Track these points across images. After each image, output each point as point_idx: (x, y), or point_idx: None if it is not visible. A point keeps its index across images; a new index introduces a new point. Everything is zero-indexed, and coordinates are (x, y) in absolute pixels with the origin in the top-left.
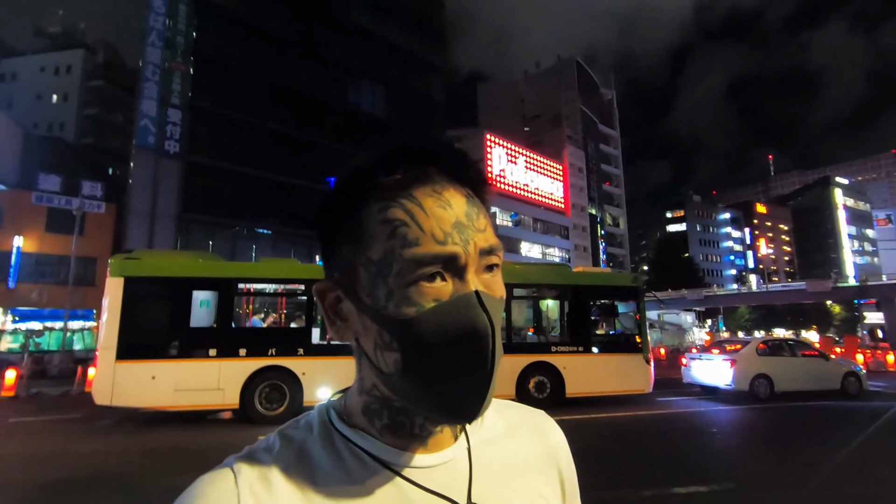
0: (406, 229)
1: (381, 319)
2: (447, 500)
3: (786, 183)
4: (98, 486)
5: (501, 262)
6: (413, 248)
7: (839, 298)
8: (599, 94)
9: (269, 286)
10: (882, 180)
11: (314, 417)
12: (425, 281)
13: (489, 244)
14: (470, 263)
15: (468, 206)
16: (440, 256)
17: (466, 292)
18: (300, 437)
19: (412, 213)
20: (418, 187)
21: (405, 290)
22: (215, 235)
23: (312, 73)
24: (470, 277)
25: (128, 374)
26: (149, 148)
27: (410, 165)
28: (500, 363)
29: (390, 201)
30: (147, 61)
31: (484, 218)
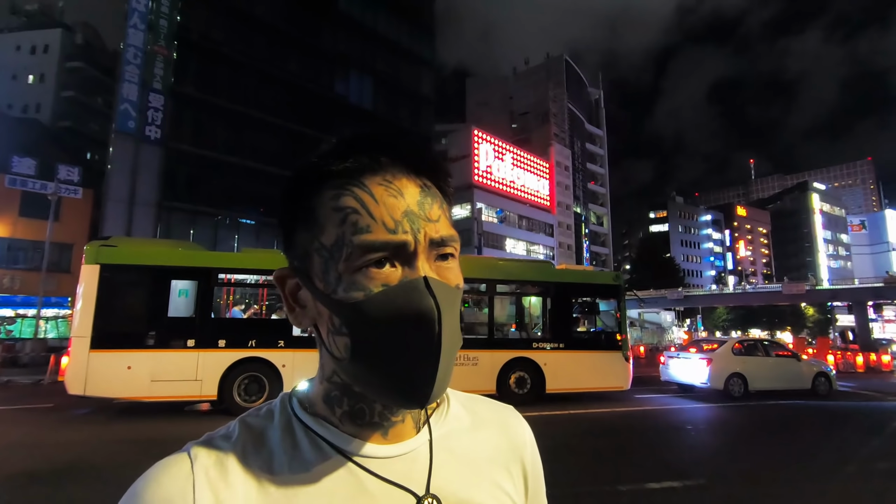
0: (357, 216)
1: (331, 304)
2: (404, 489)
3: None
4: (72, 475)
5: (458, 253)
6: (363, 235)
7: (813, 301)
8: (587, 93)
9: (250, 277)
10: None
11: (276, 406)
12: (374, 266)
13: (441, 235)
14: (420, 252)
15: (421, 196)
16: (390, 244)
17: (414, 278)
18: (260, 425)
19: (363, 200)
20: (369, 176)
21: (354, 275)
22: (197, 224)
23: (300, 62)
24: (420, 264)
25: (102, 363)
26: (129, 133)
27: (363, 154)
28: (454, 351)
29: (342, 189)
30: (128, 44)
31: (438, 208)
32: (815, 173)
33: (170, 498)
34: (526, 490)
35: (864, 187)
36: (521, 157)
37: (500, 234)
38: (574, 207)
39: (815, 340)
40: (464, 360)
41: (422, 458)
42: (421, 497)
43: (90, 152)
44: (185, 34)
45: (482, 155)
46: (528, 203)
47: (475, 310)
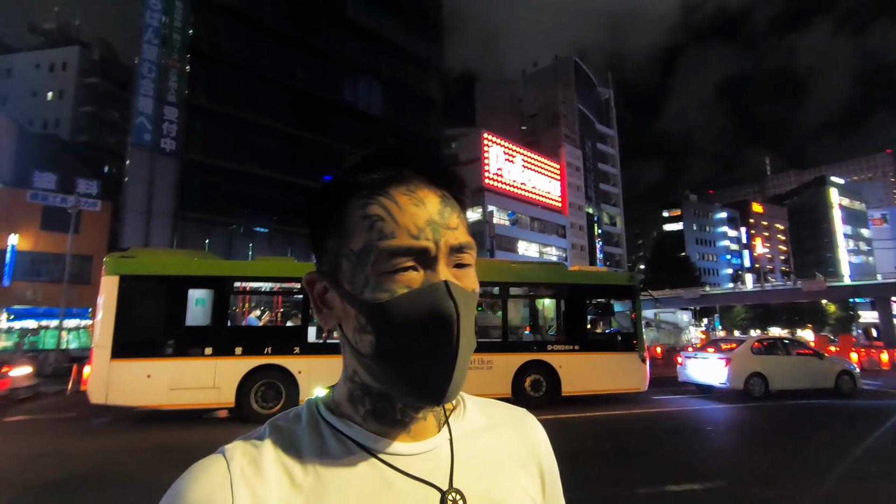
0: (383, 224)
1: (359, 304)
2: (428, 484)
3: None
4: (94, 484)
5: (474, 260)
6: (389, 241)
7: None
8: (597, 94)
9: (264, 285)
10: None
11: (303, 409)
12: (399, 270)
13: (459, 242)
14: (440, 257)
15: (441, 205)
16: (413, 249)
17: (436, 281)
18: (289, 428)
19: (388, 209)
20: (394, 186)
21: (380, 277)
22: (212, 233)
23: (309, 69)
24: (440, 269)
25: (123, 372)
26: (145, 145)
27: (388, 167)
28: (469, 352)
29: (369, 199)
30: (143, 58)
31: (457, 218)
32: (833, 167)
33: (211, 495)
34: (543, 488)
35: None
36: (531, 159)
37: (513, 236)
38: (586, 208)
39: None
40: (478, 364)
41: (443, 455)
42: (445, 492)
43: (108, 165)
44: (198, 46)
45: (492, 158)
46: (540, 205)
47: (489, 313)
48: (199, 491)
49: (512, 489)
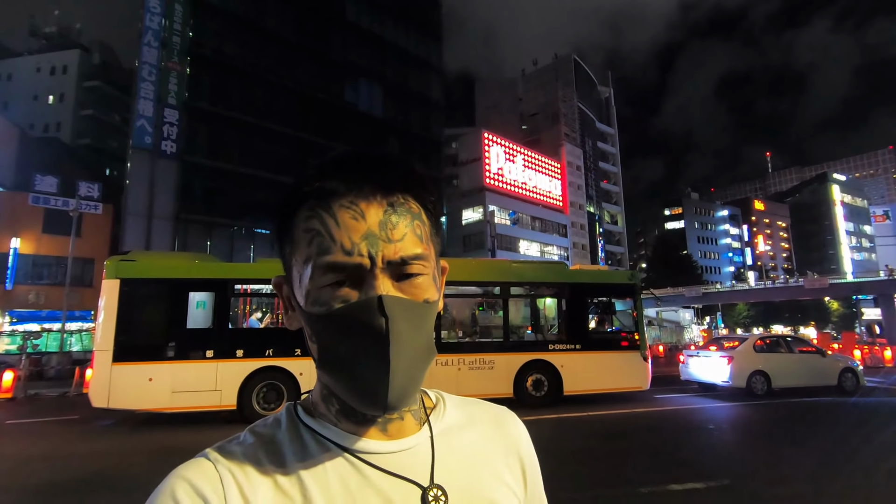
0: (321, 239)
1: (304, 314)
2: (409, 481)
3: (783, 180)
4: (97, 487)
5: (429, 269)
6: (324, 257)
7: (837, 295)
8: (597, 92)
9: (265, 287)
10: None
11: (282, 414)
12: (334, 285)
13: (401, 255)
14: (377, 272)
15: (385, 216)
16: (347, 265)
17: (368, 297)
18: (269, 433)
19: (326, 223)
20: (335, 198)
21: (319, 291)
22: (213, 236)
23: (310, 71)
24: (378, 283)
25: (125, 375)
26: (146, 148)
27: (334, 176)
28: (413, 362)
29: (311, 211)
30: (143, 61)
31: (406, 227)
32: (834, 164)
33: (202, 492)
34: (525, 483)
35: (886, 177)
36: (532, 159)
37: (514, 236)
38: (587, 207)
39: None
40: (480, 364)
41: (423, 452)
42: (426, 488)
43: (109, 168)
44: (198, 49)
45: (493, 157)
46: (541, 204)
47: (490, 313)
48: (191, 489)
49: (494, 484)
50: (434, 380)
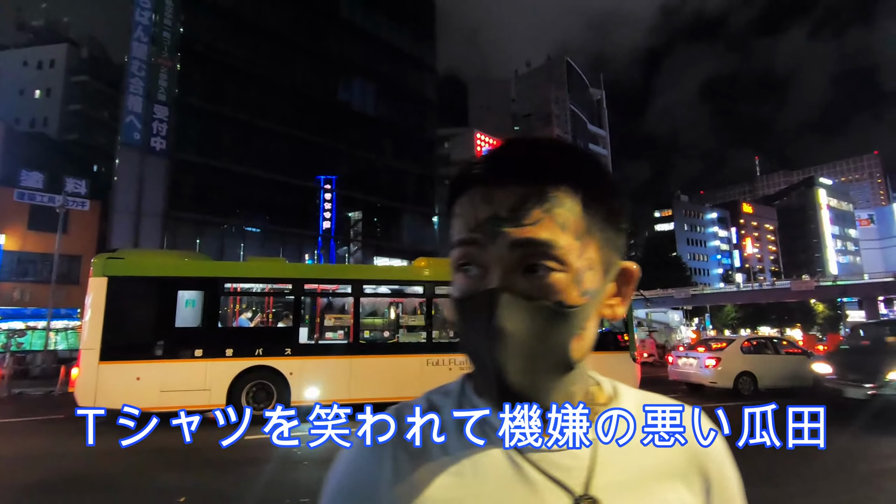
0: (458, 221)
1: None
2: (561, 486)
3: (771, 183)
4: (85, 486)
5: (569, 267)
6: (455, 236)
7: (822, 297)
8: (588, 94)
9: (256, 286)
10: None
11: (455, 385)
12: (461, 269)
13: (527, 236)
14: (498, 258)
15: (520, 201)
16: (467, 241)
17: (483, 290)
18: (439, 402)
19: (464, 206)
20: (477, 184)
21: (454, 274)
22: (203, 234)
23: (303, 69)
24: (499, 272)
25: (112, 375)
26: (134, 145)
27: (484, 163)
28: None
29: (460, 197)
30: (133, 57)
31: (543, 213)
32: (821, 168)
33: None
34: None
35: (871, 181)
36: None
37: None
38: None
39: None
40: (465, 365)
41: (585, 455)
42: (579, 498)
43: (97, 164)
44: (189, 45)
45: None
46: None
47: None
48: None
49: (663, 500)
50: (426, 379)
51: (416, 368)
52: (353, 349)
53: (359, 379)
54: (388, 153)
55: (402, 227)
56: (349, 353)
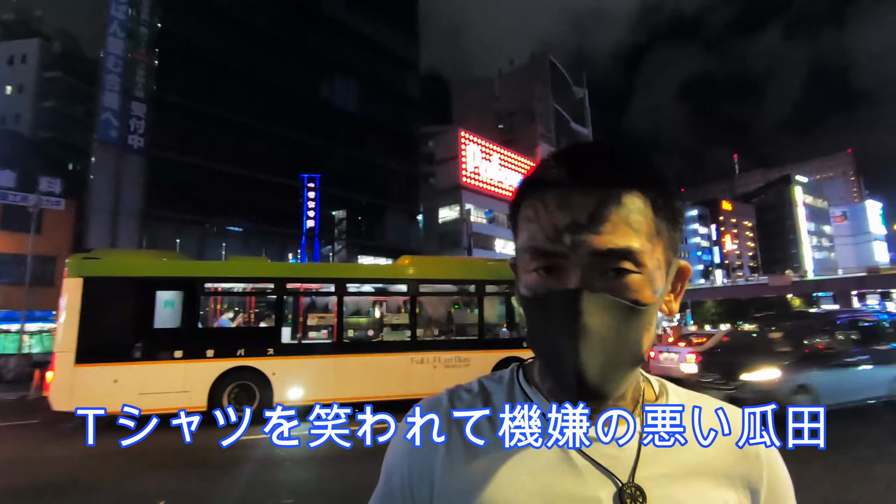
0: (532, 226)
1: (518, 294)
2: (607, 473)
3: (750, 180)
4: (58, 491)
5: (644, 266)
6: (531, 243)
7: (799, 292)
8: (571, 93)
9: (237, 286)
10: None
11: (507, 373)
12: (539, 271)
13: (608, 246)
14: (580, 264)
15: (597, 208)
16: (549, 252)
17: (566, 288)
18: (492, 387)
19: (538, 212)
20: (550, 189)
21: (527, 275)
22: (183, 233)
23: (285, 66)
24: (580, 275)
25: (88, 377)
26: (111, 142)
27: (556, 168)
28: (613, 357)
29: (531, 200)
30: (108, 52)
31: (620, 220)
32: (797, 166)
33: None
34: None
35: (844, 179)
36: (508, 158)
37: (490, 234)
38: None
39: None
40: (455, 362)
41: (631, 447)
42: (624, 485)
43: (72, 163)
44: (167, 41)
45: (469, 156)
46: None
47: (465, 311)
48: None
49: (706, 497)
50: (411, 377)
51: (400, 367)
52: (337, 348)
53: (343, 378)
54: (371, 151)
55: (387, 225)
56: (333, 353)
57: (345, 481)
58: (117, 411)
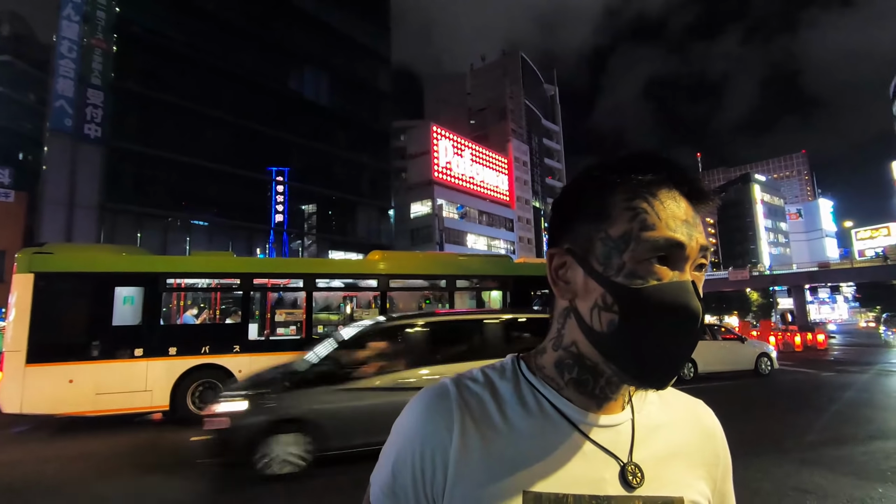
0: (646, 216)
1: (608, 285)
2: (611, 455)
3: (712, 178)
4: (10, 497)
5: (707, 262)
6: (649, 232)
7: (756, 286)
8: (542, 90)
9: (201, 281)
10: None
11: (507, 364)
12: (654, 261)
13: (705, 243)
14: (690, 256)
15: (691, 210)
16: (671, 241)
17: (685, 279)
18: (495, 377)
19: (653, 204)
20: (659, 187)
21: (636, 265)
22: (144, 227)
23: (252, 56)
24: (688, 267)
25: (40, 378)
26: (66, 132)
27: (654, 170)
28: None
29: (635, 192)
30: (62, 36)
31: (700, 222)
32: (756, 166)
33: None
34: (715, 480)
35: (799, 178)
36: (480, 153)
37: (462, 229)
38: (533, 202)
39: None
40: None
41: (625, 431)
42: (626, 464)
43: (23, 153)
44: (126, 26)
45: (441, 151)
46: (488, 199)
47: (437, 306)
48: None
49: (684, 474)
50: None
51: None
52: (306, 344)
53: None
54: (342, 145)
55: (358, 220)
56: (301, 349)
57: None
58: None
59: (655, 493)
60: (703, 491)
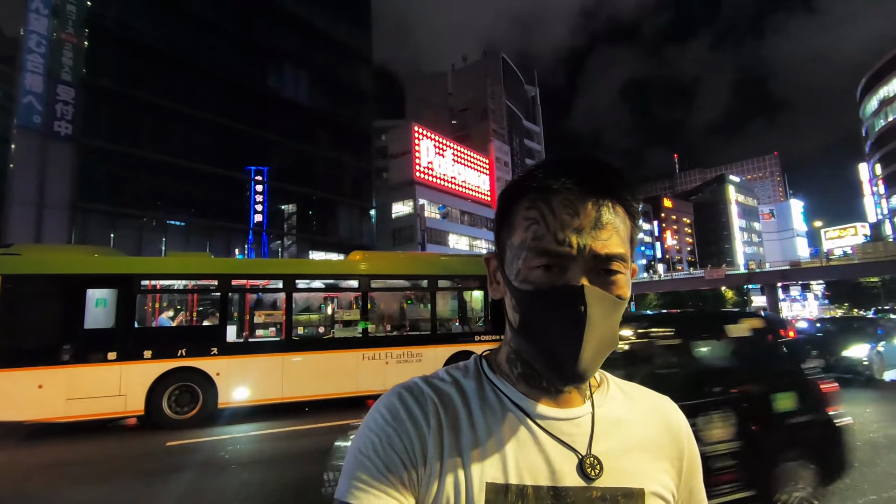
0: (536, 226)
1: (511, 288)
2: (568, 447)
3: (689, 179)
4: None
5: (627, 269)
6: (537, 242)
7: (731, 284)
8: (523, 91)
9: (177, 282)
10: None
11: (471, 364)
12: (543, 268)
13: (606, 252)
14: (581, 262)
15: (596, 216)
16: (554, 252)
17: (573, 284)
18: (459, 376)
19: (544, 214)
20: (555, 194)
21: (528, 271)
22: (118, 227)
23: (231, 55)
24: (580, 273)
25: (7, 384)
26: (34, 129)
27: (554, 176)
28: (604, 345)
29: (532, 202)
30: (30, 30)
31: (612, 229)
32: (730, 167)
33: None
34: (680, 475)
35: (772, 179)
36: (461, 153)
37: (443, 230)
38: None
39: None
40: (407, 357)
41: (585, 424)
42: (584, 456)
43: None
44: (98, 21)
45: (423, 151)
46: (470, 199)
47: (418, 306)
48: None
49: (646, 467)
50: (362, 374)
51: (351, 364)
52: (286, 346)
53: (292, 377)
54: (322, 144)
55: (339, 220)
56: (281, 351)
57: (292, 481)
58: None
59: (614, 485)
60: (665, 484)
